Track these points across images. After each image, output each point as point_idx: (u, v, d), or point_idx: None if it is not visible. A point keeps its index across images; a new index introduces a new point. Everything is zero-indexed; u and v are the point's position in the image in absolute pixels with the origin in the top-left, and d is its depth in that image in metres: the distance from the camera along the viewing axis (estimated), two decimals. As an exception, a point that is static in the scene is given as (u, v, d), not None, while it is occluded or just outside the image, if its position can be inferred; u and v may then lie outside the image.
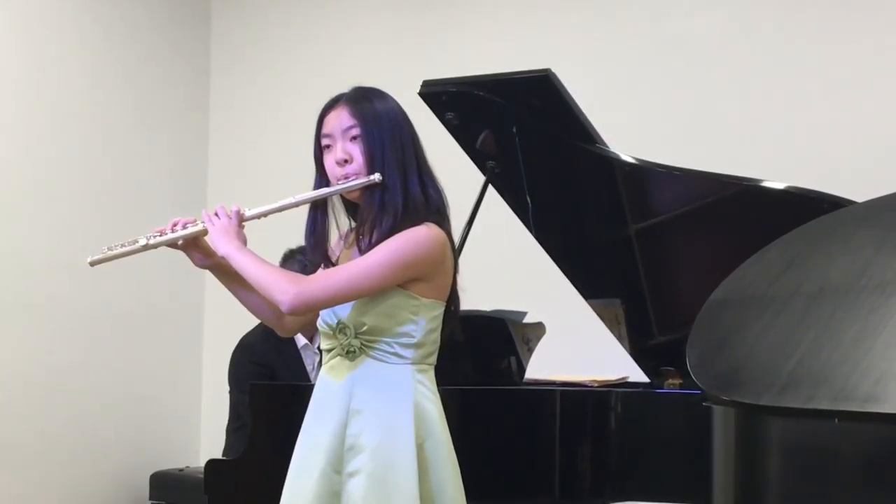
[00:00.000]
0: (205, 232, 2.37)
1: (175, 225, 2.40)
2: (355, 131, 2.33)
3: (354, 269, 2.27)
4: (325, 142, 2.37)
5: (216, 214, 2.35)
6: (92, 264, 2.45)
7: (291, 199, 2.37)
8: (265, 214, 2.39)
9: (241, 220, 2.36)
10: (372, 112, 2.34)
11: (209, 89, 5.79)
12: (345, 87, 2.42)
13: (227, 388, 4.09)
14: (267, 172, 5.34)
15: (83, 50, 5.15)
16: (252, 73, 5.72)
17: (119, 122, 5.28)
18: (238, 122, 5.71)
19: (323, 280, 2.29)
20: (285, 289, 2.24)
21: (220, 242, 2.33)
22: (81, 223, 5.00)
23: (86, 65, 5.15)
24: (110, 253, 2.42)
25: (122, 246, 2.42)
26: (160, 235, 2.40)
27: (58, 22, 5.03)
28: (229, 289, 2.45)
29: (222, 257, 2.33)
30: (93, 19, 5.20)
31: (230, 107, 5.74)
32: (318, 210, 2.41)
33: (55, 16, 5.02)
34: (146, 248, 2.40)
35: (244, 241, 2.34)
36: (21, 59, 4.85)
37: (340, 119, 2.34)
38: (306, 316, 2.45)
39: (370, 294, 2.27)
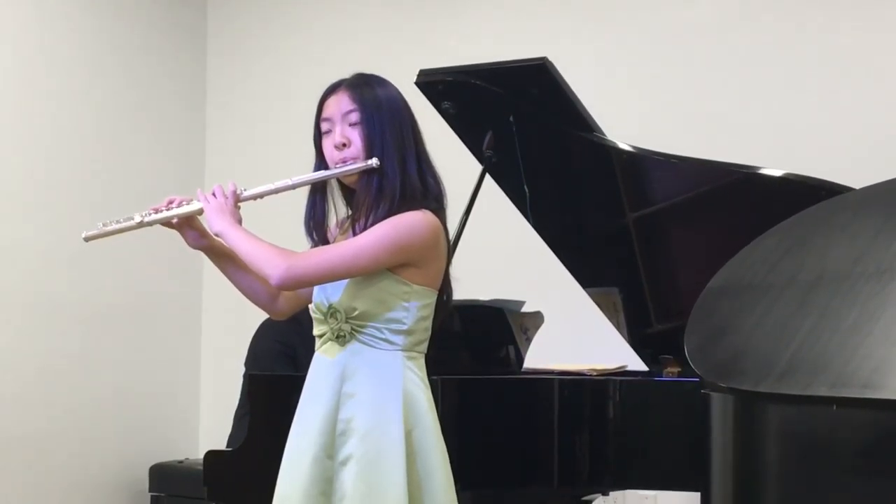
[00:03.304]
0: (200, 211, 2.37)
1: (171, 203, 2.41)
2: (354, 116, 2.33)
3: (346, 247, 2.28)
4: (324, 126, 2.37)
5: (213, 194, 2.35)
6: (86, 239, 2.45)
7: (288, 182, 2.37)
8: (261, 196, 2.39)
9: (236, 200, 2.36)
10: (372, 97, 2.34)
11: (206, 82, 5.78)
12: (343, 76, 2.42)
13: (225, 379, 4.09)
14: (264, 164, 5.33)
15: (78, 41, 5.14)
16: (248, 65, 5.71)
17: (115, 116, 5.27)
18: (235, 114, 5.70)
19: (314, 257, 2.30)
20: (276, 263, 2.24)
21: (215, 220, 2.33)
22: (78, 217, 4.99)
23: (80, 57, 5.14)
24: (105, 229, 2.42)
25: (118, 222, 2.42)
26: (155, 213, 2.41)
27: (53, 13, 5.01)
28: (222, 270, 2.46)
29: (216, 234, 2.34)
30: (88, 9, 5.18)
31: (227, 99, 5.74)
32: (318, 194, 2.41)
33: (50, 7, 5.00)
34: (141, 225, 2.41)
35: (239, 221, 2.34)
36: (16, 52, 4.84)
37: (340, 104, 2.35)
38: (298, 299, 2.48)
39: (360, 274, 2.27)
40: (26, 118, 4.86)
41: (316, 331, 2.39)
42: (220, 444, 4.09)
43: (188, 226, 2.44)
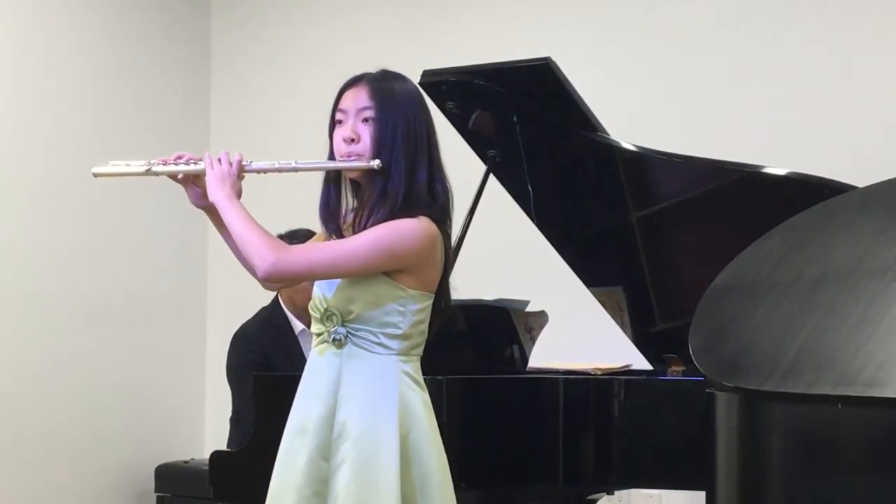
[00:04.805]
0: (204, 172, 2.37)
1: (179, 158, 2.41)
2: (369, 113, 2.32)
3: (336, 248, 2.28)
4: (338, 116, 2.36)
5: (219, 160, 2.36)
6: (95, 175, 2.47)
7: (292, 164, 2.38)
8: (265, 171, 2.40)
9: (240, 170, 2.36)
10: (390, 98, 2.32)
11: (209, 82, 5.77)
12: (344, 77, 2.40)
13: (229, 379, 4.10)
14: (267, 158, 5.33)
15: (79, 41, 5.14)
16: (252, 65, 5.71)
17: (117, 115, 5.26)
18: (238, 115, 5.69)
19: (303, 254, 2.31)
20: (264, 254, 2.24)
21: (214, 188, 2.33)
22: (81, 213, 5.00)
23: (82, 57, 5.13)
24: (114, 169, 2.46)
25: (127, 165, 2.44)
26: (163, 165, 2.41)
27: (54, 12, 5.02)
28: (220, 232, 2.44)
29: (213, 203, 2.34)
30: (90, 7, 5.18)
31: (230, 100, 5.73)
32: (332, 184, 2.40)
33: (51, 6, 5.01)
34: (148, 172, 2.42)
35: (239, 193, 2.34)
36: (15, 51, 4.84)
37: (357, 98, 2.33)
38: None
39: (348, 276, 2.28)
40: (26, 117, 4.85)
41: (313, 328, 2.39)
42: (225, 444, 4.09)
43: (193, 183, 2.43)
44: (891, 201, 2.49)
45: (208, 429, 5.62)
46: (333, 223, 2.39)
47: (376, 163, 2.29)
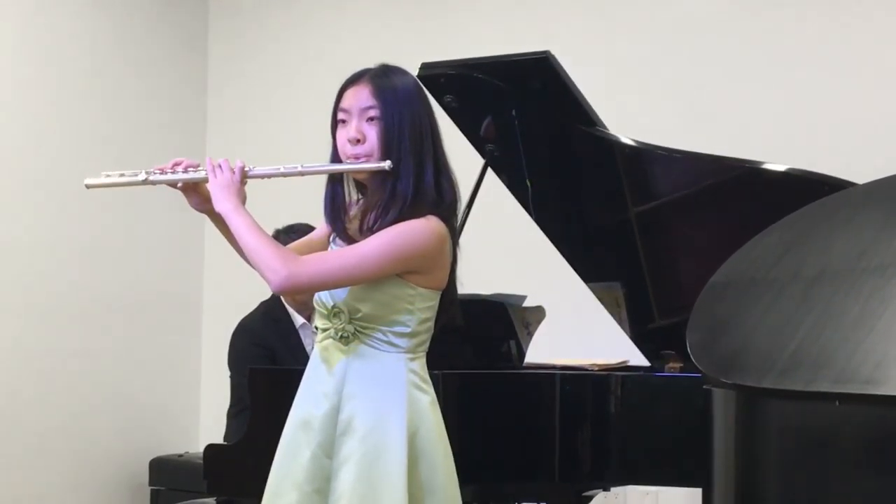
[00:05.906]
0: (206, 180, 2.32)
1: (176, 165, 2.36)
2: (374, 112, 2.28)
3: (349, 256, 2.25)
4: (341, 116, 2.32)
5: (220, 167, 2.31)
6: (88, 187, 2.41)
7: (298, 168, 2.33)
8: (269, 176, 2.34)
9: (243, 177, 2.31)
10: (394, 96, 2.28)
11: (207, 78, 5.76)
12: (342, 73, 2.38)
13: (226, 373, 4.09)
14: (266, 160, 5.31)
15: (79, 36, 5.13)
16: (250, 60, 5.70)
17: (116, 112, 5.25)
18: (236, 110, 5.68)
19: (315, 264, 2.26)
20: (276, 268, 2.20)
21: (220, 198, 2.28)
22: (78, 211, 4.99)
23: (81, 53, 5.12)
24: (108, 180, 2.39)
25: (121, 175, 2.38)
26: (161, 174, 2.36)
27: (54, 6, 5.01)
28: (224, 235, 2.40)
29: (219, 213, 2.30)
30: (89, 2, 5.17)
31: (228, 94, 5.72)
32: (337, 184, 2.37)
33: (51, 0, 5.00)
34: (146, 182, 2.36)
35: (244, 200, 2.30)
36: (16, 48, 4.83)
37: (360, 97, 2.29)
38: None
39: (362, 283, 2.25)
40: (23, 117, 4.84)
41: (318, 323, 2.37)
42: (220, 437, 4.09)
43: (193, 190, 2.38)
44: (890, 199, 2.48)
45: (203, 422, 5.62)
46: (339, 222, 2.36)
47: (387, 164, 2.26)
